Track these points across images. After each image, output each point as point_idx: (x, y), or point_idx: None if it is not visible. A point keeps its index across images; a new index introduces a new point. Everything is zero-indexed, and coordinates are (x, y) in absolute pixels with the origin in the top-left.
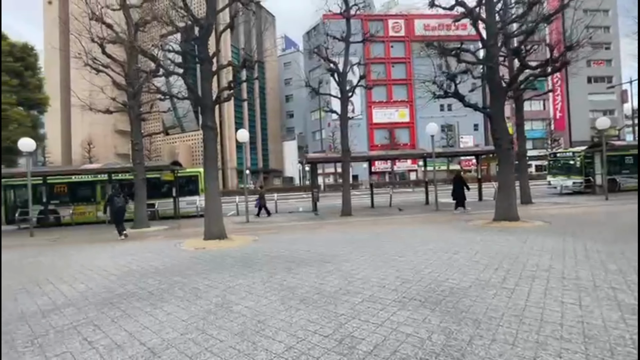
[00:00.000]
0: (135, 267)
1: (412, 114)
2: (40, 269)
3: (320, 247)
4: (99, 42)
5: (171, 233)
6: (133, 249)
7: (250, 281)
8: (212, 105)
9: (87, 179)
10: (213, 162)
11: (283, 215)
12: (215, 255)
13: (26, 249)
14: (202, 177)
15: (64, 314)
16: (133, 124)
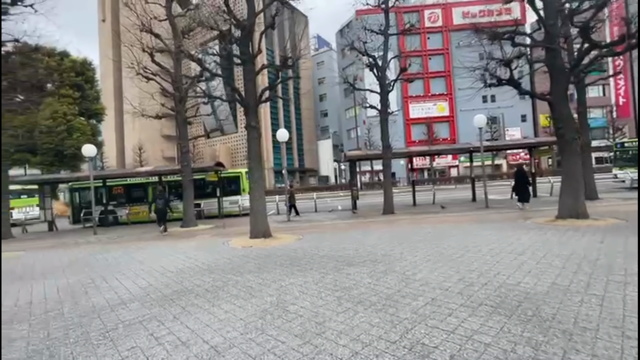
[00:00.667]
0: (189, 264)
1: (452, 107)
2: (106, 266)
3: (368, 246)
4: (149, 51)
5: (218, 232)
6: (185, 247)
7: (302, 280)
8: (255, 105)
9: (140, 181)
10: (257, 161)
11: (323, 214)
12: (263, 253)
13: (92, 246)
14: (243, 178)
15: (130, 309)
16: (180, 128)
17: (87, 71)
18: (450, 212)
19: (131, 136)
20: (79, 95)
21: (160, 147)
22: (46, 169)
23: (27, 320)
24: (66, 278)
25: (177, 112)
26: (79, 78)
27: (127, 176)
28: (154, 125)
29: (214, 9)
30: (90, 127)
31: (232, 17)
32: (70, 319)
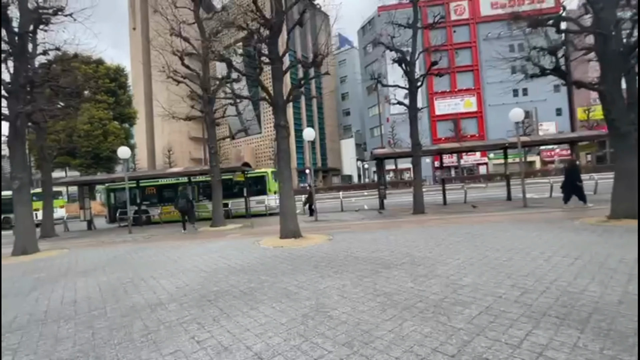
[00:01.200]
0: (223, 264)
1: (480, 102)
2: (142, 264)
3: (403, 247)
4: (179, 54)
5: (247, 231)
6: (217, 247)
7: (339, 283)
8: (284, 104)
9: (171, 181)
10: (286, 160)
11: (349, 213)
12: (295, 254)
13: (128, 245)
14: (269, 178)
15: (169, 310)
16: (208, 129)
17: (120, 77)
18: (484, 211)
19: (161, 139)
20: (113, 100)
21: (188, 149)
22: (84, 170)
23: (73, 319)
24: (106, 276)
25: (206, 113)
26: (112, 84)
27: (159, 177)
28: (181, 128)
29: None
30: (124, 131)
31: (261, 16)
32: (113, 319)
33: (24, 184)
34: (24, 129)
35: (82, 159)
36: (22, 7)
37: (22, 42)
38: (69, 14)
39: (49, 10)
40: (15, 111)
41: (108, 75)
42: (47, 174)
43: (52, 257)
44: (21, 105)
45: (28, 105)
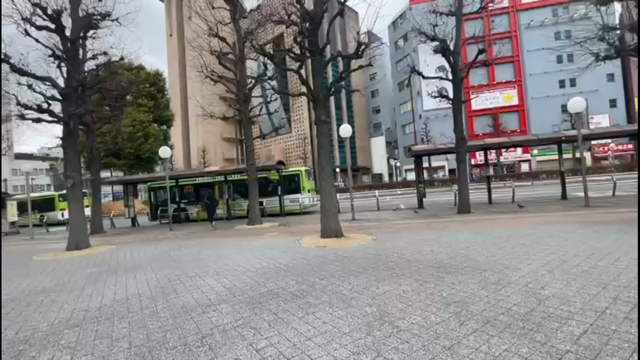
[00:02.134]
0: (267, 264)
1: (522, 95)
2: (187, 262)
3: (459, 249)
4: (217, 54)
5: (284, 230)
6: (257, 245)
7: (398, 289)
8: (324, 98)
9: (207, 180)
10: (327, 157)
11: (387, 212)
12: (340, 254)
13: (170, 242)
14: (303, 176)
15: (220, 312)
16: (245, 128)
17: (158, 82)
18: (541, 211)
19: (195, 140)
20: (152, 104)
21: (221, 149)
22: (127, 170)
23: (126, 318)
24: (154, 273)
25: (242, 112)
26: (152, 88)
27: (197, 176)
28: (215, 129)
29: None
30: (162, 133)
31: (301, 8)
32: (165, 319)
33: (76, 183)
34: (76, 130)
35: (126, 159)
36: (74, 14)
37: (74, 47)
38: (115, 19)
39: (97, 16)
40: (68, 113)
41: (148, 79)
42: (96, 174)
43: (102, 253)
44: (73, 107)
45: (80, 107)
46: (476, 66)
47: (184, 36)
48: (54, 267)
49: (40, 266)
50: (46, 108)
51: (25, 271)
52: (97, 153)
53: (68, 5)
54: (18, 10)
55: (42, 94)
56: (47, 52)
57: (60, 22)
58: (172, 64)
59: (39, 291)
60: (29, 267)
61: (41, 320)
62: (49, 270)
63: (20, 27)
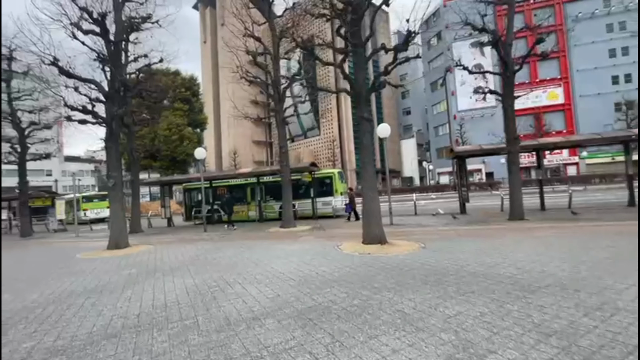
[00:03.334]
0: (309, 271)
1: (568, 93)
2: (224, 266)
3: (529, 262)
4: (252, 54)
5: (319, 234)
6: (295, 250)
7: (473, 310)
8: (367, 94)
9: (240, 182)
10: (370, 157)
11: (426, 217)
12: (389, 263)
13: (206, 244)
14: (335, 179)
15: (268, 328)
16: (279, 128)
17: (193, 86)
18: (616, 219)
19: (226, 142)
20: (187, 108)
21: (251, 152)
22: (163, 172)
23: (166, 329)
24: (192, 278)
25: (276, 112)
26: (187, 93)
27: (230, 177)
28: (245, 133)
29: None
30: (196, 136)
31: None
32: (207, 334)
33: (117, 183)
34: (118, 131)
35: (162, 161)
36: (117, 17)
37: (117, 49)
38: (155, 21)
39: (139, 19)
40: (111, 114)
41: (184, 84)
42: (136, 175)
43: (141, 253)
44: (116, 108)
45: (121, 108)
46: (540, 56)
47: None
48: (95, 267)
49: (83, 265)
50: (90, 109)
51: (69, 270)
52: (136, 155)
53: (112, 8)
54: (67, 15)
55: (87, 96)
56: (91, 56)
57: (105, 25)
58: (206, 69)
59: (80, 292)
60: (73, 266)
61: (80, 326)
62: (90, 269)
63: (68, 30)
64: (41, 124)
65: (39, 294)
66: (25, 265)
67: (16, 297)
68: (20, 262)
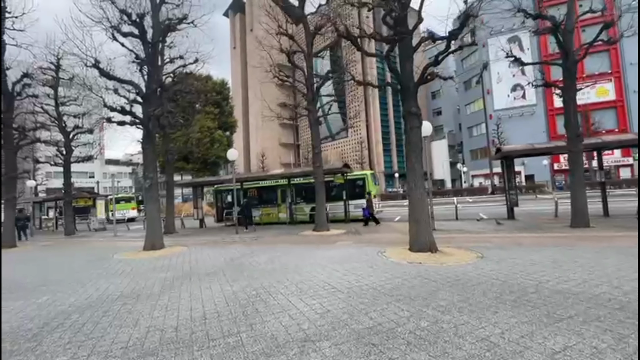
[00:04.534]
0: (356, 281)
1: (620, 88)
2: (262, 272)
3: (627, 281)
4: (286, 51)
5: (356, 238)
6: (333, 256)
7: (584, 344)
8: (415, 87)
9: (270, 184)
10: (418, 156)
11: (468, 222)
12: (447, 276)
13: (239, 246)
14: (368, 180)
15: (324, 354)
16: (312, 128)
17: (223, 90)
18: None
19: (255, 145)
20: (218, 111)
21: (279, 154)
22: (195, 174)
23: (208, 348)
24: (229, 285)
25: (309, 111)
26: (218, 96)
27: (262, 179)
28: (273, 135)
29: None
30: (226, 138)
31: None
32: (254, 358)
33: (153, 183)
34: (154, 132)
35: (194, 164)
36: (154, 18)
37: (154, 50)
38: (190, 22)
39: (175, 20)
40: (148, 114)
41: (215, 88)
42: (170, 176)
43: (176, 255)
44: (152, 108)
45: (158, 108)
46: (612, 40)
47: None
48: (132, 268)
49: (120, 266)
50: (129, 110)
51: (107, 271)
52: (171, 157)
53: (150, 8)
54: (108, 18)
55: (126, 97)
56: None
57: (143, 26)
58: (235, 73)
59: (116, 297)
60: (110, 267)
61: (115, 338)
62: (127, 271)
63: (109, 32)
64: (84, 128)
65: (77, 297)
66: (66, 265)
67: (55, 299)
68: (62, 261)
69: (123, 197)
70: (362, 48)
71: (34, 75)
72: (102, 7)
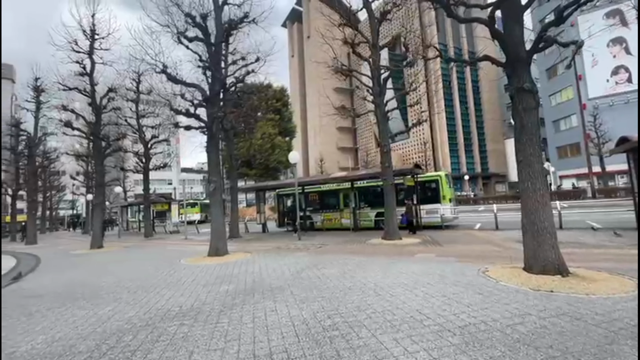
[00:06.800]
0: (465, 316)
1: None
2: (333, 290)
3: None
4: (350, 42)
5: (436, 250)
6: (417, 272)
7: None
8: (528, 55)
9: (332, 188)
10: (535, 146)
11: (582, 233)
12: (609, 316)
13: (303, 255)
14: (442, 182)
15: None
16: (380, 125)
17: (283, 97)
18: None
19: (313, 150)
20: (278, 117)
21: (337, 159)
22: (257, 179)
23: None
24: (298, 306)
25: (376, 105)
26: (278, 103)
27: (324, 182)
28: (331, 140)
29: None
30: (286, 144)
31: None
32: None
33: (217, 187)
34: (217, 135)
35: (256, 169)
36: (217, 20)
37: (218, 51)
38: (251, 20)
39: (237, 20)
40: (212, 116)
41: (275, 96)
42: (234, 181)
43: (239, 263)
44: (215, 109)
45: (220, 109)
46: None
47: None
48: (195, 277)
49: (183, 273)
50: (193, 112)
51: (171, 278)
52: (235, 162)
53: (212, 8)
54: (175, 25)
55: (191, 101)
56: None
57: (206, 27)
58: (293, 81)
59: (174, 314)
60: (175, 274)
61: None
62: (190, 279)
63: (175, 37)
64: (160, 137)
65: (137, 310)
66: (138, 270)
67: (117, 311)
68: (135, 265)
69: (189, 202)
70: (456, 14)
71: (118, 89)
72: (170, 11)
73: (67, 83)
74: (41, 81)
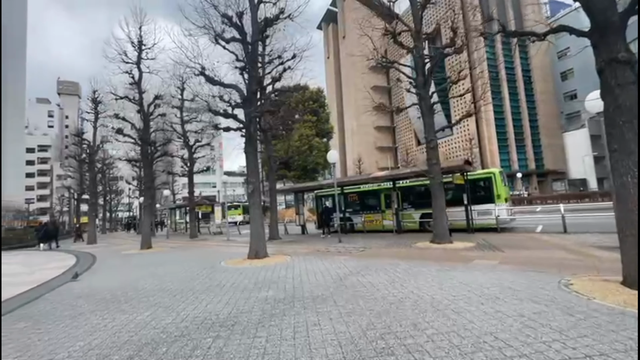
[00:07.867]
0: (561, 346)
1: None
2: (382, 303)
3: None
4: (392, 31)
5: (495, 256)
6: (481, 283)
7: None
8: (622, 19)
9: (372, 188)
10: (634, 131)
11: None
12: None
13: (345, 259)
14: (497, 180)
15: None
16: (424, 118)
17: (320, 98)
18: None
19: (350, 151)
20: (315, 119)
21: (375, 159)
22: (296, 181)
23: None
24: (343, 320)
25: (421, 98)
26: (315, 105)
27: (365, 182)
28: (369, 140)
29: None
30: (324, 145)
31: None
32: None
33: (255, 188)
34: (255, 134)
35: (295, 171)
36: (253, 18)
37: (254, 49)
38: (287, 16)
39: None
40: (249, 115)
41: (311, 97)
42: (273, 183)
43: (278, 266)
44: (252, 108)
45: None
46: None
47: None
48: (234, 281)
49: (223, 276)
50: (231, 113)
51: (211, 281)
52: (274, 164)
53: (247, 5)
54: (213, 27)
55: (229, 102)
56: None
57: (243, 27)
58: (329, 82)
59: (211, 324)
60: (215, 277)
61: None
62: (229, 284)
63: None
64: (203, 142)
65: (175, 317)
66: (180, 272)
67: (154, 317)
68: (178, 268)
69: (231, 204)
70: None
71: (163, 96)
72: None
73: (119, 92)
74: (98, 93)
